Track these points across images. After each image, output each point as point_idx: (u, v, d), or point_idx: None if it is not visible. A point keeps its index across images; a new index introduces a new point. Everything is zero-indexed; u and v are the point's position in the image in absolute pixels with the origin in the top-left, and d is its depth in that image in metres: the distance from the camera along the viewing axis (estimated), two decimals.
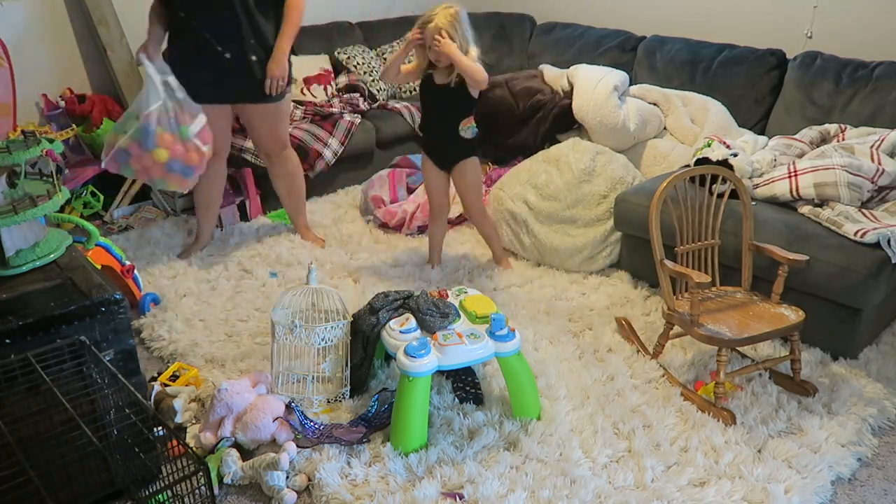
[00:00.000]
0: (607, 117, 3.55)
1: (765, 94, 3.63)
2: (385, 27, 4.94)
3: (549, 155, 3.30)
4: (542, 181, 3.20)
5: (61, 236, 2.05)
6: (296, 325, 2.27)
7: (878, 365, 2.50)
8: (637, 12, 4.44)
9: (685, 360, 2.54)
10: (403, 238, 3.54)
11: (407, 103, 4.40)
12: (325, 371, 2.37)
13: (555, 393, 2.33)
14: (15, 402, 1.66)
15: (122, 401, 1.71)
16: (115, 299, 1.82)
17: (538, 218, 3.18)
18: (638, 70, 4.14)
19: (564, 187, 3.14)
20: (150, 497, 1.49)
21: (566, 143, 3.31)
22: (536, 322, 2.78)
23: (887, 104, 3.17)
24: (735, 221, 2.56)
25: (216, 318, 2.83)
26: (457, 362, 2.09)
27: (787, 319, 2.26)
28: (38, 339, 1.72)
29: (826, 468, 2.03)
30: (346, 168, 4.10)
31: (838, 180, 2.66)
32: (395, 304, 2.31)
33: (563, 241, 3.12)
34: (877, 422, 2.24)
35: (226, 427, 2.12)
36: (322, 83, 4.34)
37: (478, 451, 2.09)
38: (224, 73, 2.91)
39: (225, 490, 2.01)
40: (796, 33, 3.76)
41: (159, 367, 2.54)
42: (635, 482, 1.99)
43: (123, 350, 1.88)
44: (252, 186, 3.72)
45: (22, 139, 1.97)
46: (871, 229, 2.45)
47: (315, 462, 2.04)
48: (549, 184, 3.18)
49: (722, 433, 2.16)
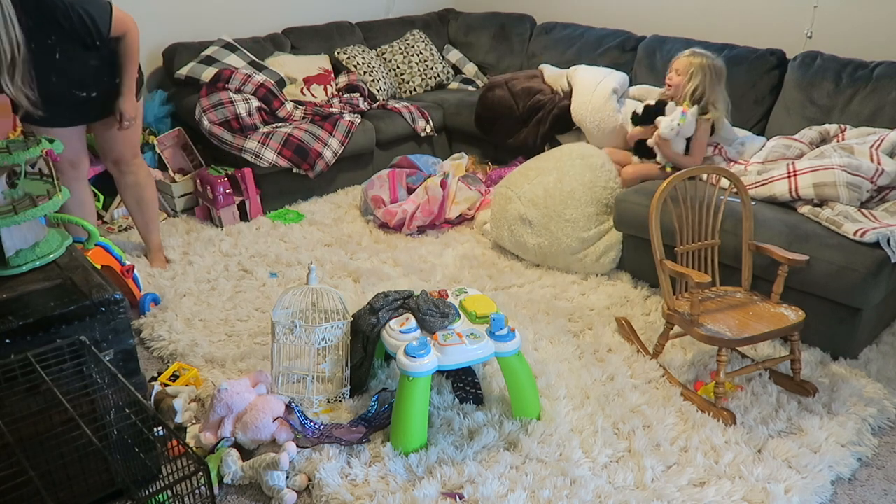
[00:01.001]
0: (605, 121, 3.54)
1: (765, 94, 3.63)
2: (385, 27, 4.95)
3: (557, 155, 3.28)
4: (553, 181, 3.17)
5: (61, 236, 2.05)
6: (296, 325, 2.27)
7: (878, 365, 2.50)
8: (637, 12, 4.44)
9: (685, 360, 2.54)
10: (403, 238, 3.54)
11: (407, 103, 4.40)
12: (325, 371, 2.37)
13: (555, 393, 2.33)
14: (15, 402, 1.66)
15: (122, 401, 1.71)
16: (115, 299, 1.82)
17: (544, 219, 3.15)
18: (638, 70, 4.13)
19: (580, 188, 3.12)
20: (150, 497, 1.49)
21: (577, 146, 3.29)
22: (536, 322, 2.78)
23: (887, 104, 3.17)
24: (735, 221, 2.56)
25: (216, 318, 2.83)
26: (457, 362, 2.09)
27: (787, 319, 2.26)
28: (38, 339, 1.72)
29: (826, 468, 2.03)
30: (346, 168, 4.10)
31: (837, 180, 2.66)
32: (395, 304, 2.31)
33: (570, 243, 3.10)
34: (877, 422, 2.25)
35: (226, 427, 2.12)
36: (322, 83, 4.35)
37: (478, 451, 2.09)
38: (76, 105, 2.74)
39: (225, 490, 2.01)
40: (796, 33, 3.76)
41: (159, 367, 2.55)
42: (635, 482, 1.99)
43: (123, 350, 1.88)
44: (252, 186, 3.72)
45: (22, 139, 1.97)
46: (870, 229, 2.45)
47: (315, 462, 2.04)
48: (559, 185, 3.15)
49: (722, 433, 2.16)
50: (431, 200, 3.60)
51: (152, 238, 3.21)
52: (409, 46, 4.84)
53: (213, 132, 3.71)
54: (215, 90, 3.80)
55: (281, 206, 3.91)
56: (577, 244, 3.09)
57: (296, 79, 4.28)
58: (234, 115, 3.73)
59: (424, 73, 4.81)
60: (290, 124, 3.92)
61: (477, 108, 4.19)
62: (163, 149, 3.81)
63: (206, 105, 3.74)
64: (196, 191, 3.76)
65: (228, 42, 4.11)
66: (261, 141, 3.70)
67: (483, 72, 5.01)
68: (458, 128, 4.47)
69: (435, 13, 5.29)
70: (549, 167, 3.23)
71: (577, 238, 3.08)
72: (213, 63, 3.96)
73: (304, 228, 3.64)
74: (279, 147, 3.71)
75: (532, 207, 3.17)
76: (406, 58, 4.79)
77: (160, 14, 2.94)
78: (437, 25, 5.17)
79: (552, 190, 3.15)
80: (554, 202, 3.12)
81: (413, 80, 4.78)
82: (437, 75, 4.86)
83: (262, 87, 3.91)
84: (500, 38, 4.95)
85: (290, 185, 3.89)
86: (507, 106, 4.01)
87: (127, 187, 3.06)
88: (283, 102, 3.99)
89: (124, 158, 2.97)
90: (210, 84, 3.83)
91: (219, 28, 4.30)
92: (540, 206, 3.15)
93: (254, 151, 3.66)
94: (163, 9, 2.97)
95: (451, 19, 5.25)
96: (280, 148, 3.71)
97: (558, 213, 3.10)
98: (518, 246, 3.25)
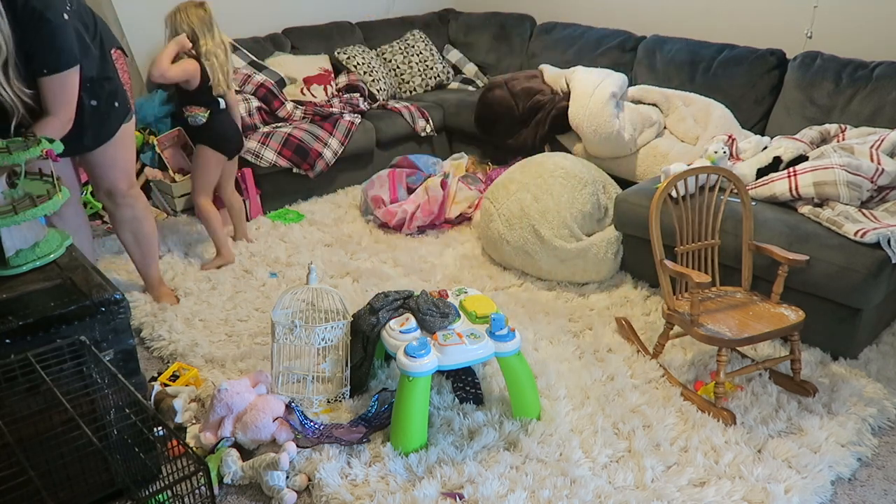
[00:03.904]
0: (602, 126, 3.50)
1: (765, 94, 3.63)
2: (385, 27, 4.95)
3: (540, 170, 3.18)
4: (530, 199, 3.09)
5: (62, 236, 2.05)
6: (296, 325, 2.27)
7: (878, 365, 2.50)
8: (637, 12, 4.44)
9: (685, 360, 2.54)
10: (403, 238, 3.54)
11: (407, 103, 4.40)
12: (325, 371, 2.37)
13: (555, 393, 2.33)
14: (15, 402, 1.66)
15: (122, 401, 1.71)
16: (115, 299, 1.82)
17: (520, 241, 3.07)
18: (638, 70, 4.13)
19: (554, 208, 3.05)
20: (150, 497, 1.49)
21: (567, 161, 3.21)
22: (536, 322, 2.78)
23: (887, 104, 3.17)
24: (735, 221, 2.56)
25: (216, 318, 2.83)
26: (457, 362, 2.09)
27: (787, 319, 2.26)
28: (38, 339, 1.72)
29: (826, 468, 2.03)
30: (346, 168, 4.10)
31: (837, 179, 2.66)
32: (395, 304, 2.31)
33: (545, 265, 3.05)
34: (877, 422, 2.24)
35: (226, 427, 2.12)
36: (322, 83, 4.35)
37: (478, 451, 2.09)
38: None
39: (225, 490, 2.01)
40: (796, 33, 3.76)
41: (159, 367, 2.55)
42: (635, 482, 1.99)
43: (123, 350, 1.88)
44: (252, 186, 3.73)
45: (22, 139, 1.97)
46: (871, 229, 2.45)
47: (315, 462, 2.04)
48: (535, 204, 3.07)
49: (722, 433, 2.16)
50: (431, 200, 3.60)
51: (151, 273, 2.92)
52: (409, 46, 4.84)
53: None
54: None
55: (281, 206, 3.91)
56: (552, 264, 3.03)
57: (296, 79, 4.28)
58: None
59: (424, 73, 4.81)
60: (290, 124, 3.92)
61: (477, 108, 4.18)
62: (163, 149, 3.81)
63: None
64: None
65: (228, 42, 4.10)
66: (261, 141, 3.70)
67: (483, 72, 5.01)
68: (458, 128, 4.47)
69: (435, 13, 5.29)
70: (529, 182, 3.13)
71: (553, 258, 3.01)
72: None
73: (304, 228, 3.64)
74: (279, 147, 3.71)
75: (508, 228, 3.09)
76: (406, 58, 4.79)
77: (160, 14, 2.97)
78: (437, 25, 5.17)
79: (528, 209, 3.06)
80: (530, 220, 3.04)
81: (413, 80, 4.78)
82: (437, 75, 4.86)
83: (262, 87, 3.91)
84: (500, 38, 4.95)
85: (290, 185, 3.90)
86: (506, 106, 4.01)
87: (123, 222, 2.76)
88: (283, 102, 4.00)
89: (118, 189, 2.67)
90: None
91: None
92: (515, 226, 3.07)
93: (254, 151, 3.66)
94: (163, 9, 2.99)
95: (451, 19, 5.25)
96: (280, 148, 3.71)
97: (534, 232, 3.02)
98: (504, 261, 3.22)
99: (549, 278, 3.10)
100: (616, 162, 3.60)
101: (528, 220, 3.05)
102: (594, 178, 3.19)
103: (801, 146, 2.91)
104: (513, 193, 3.15)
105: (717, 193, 2.46)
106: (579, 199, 3.07)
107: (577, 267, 3.02)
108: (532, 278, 3.13)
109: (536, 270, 3.10)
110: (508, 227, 3.10)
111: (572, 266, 3.02)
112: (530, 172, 3.19)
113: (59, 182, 2.00)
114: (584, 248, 2.99)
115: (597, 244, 3.00)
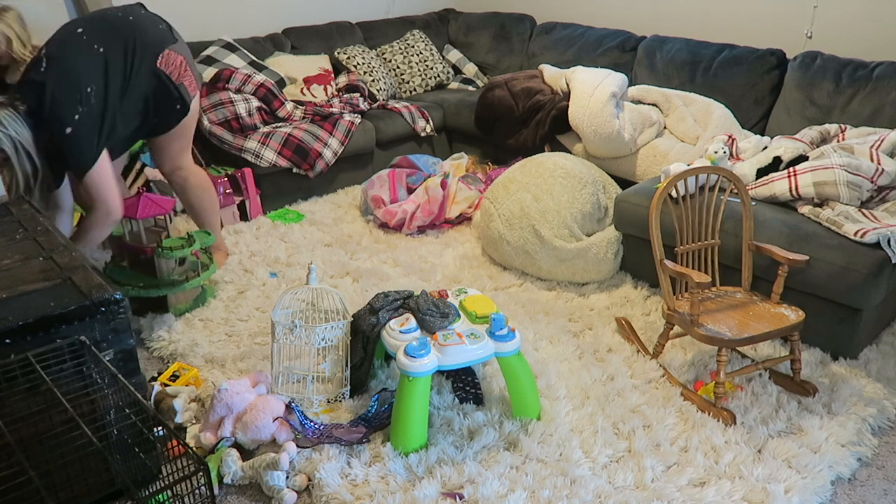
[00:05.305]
0: (602, 127, 3.51)
1: (765, 94, 3.63)
2: (385, 27, 4.95)
3: (541, 170, 3.18)
4: (529, 199, 3.09)
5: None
6: (296, 325, 2.27)
7: (878, 365, 2.50)
8: (637, 12, 4.45)
9: (685, 360, 2.54)
10: (403, 238, 3.54)
11: (407, 103, 4.40)
12: (325, 371, 2.37)
13: (555, 393, 2.34)
14: (15, 402, 1.66)
15: (122, 401, 1.71)
16: (115, 299, 1.82)
17: (520, 241, 3.07)
18: (638, 70, 4.14)
19: (554, 208, 3.05)
20: (150, 497, 1.49)
21: (568, 161, 3.21)
22: (536, 322, 2.78)
23: (887, 104, 3.17)
24: (735, 221, 2.56)
25: (216, 318, 2.83)
26: (457, 362, 2.09)
27: (787, 319, 2.26)
28: (37, 339, 1.72)
29: (826, 468, 2.03)
30: (346, 168, 4.10)
31: (837, 179, 2.66)
32: (395, 304, 2.31)
33: (545, 265, 3.05)
34: (877, 422, 2.24)
35: (226, 427, 2.12)
36: (322, 83, 4.35)
37: (478, 451, 2.09)
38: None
39: (225, 490, 2.01)
40: (796, 33, 3.76)
41: (159, 367, 2.55)
42: (635, 482, 1.99)
43: (123, 350, 1.88)
44: (252, 186, 3.73)
45: (186, 237, 2.85)
46: (871, 229, 2.45)
47: (315, 462, 2.04)
48: (535, 204, 3.07)
49: (722, 433, 2.16)
50: (431, 200, 3.60)
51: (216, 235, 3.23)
52: (409, 46, 4.84)
53: (213, 132, 3.71)
54: (215, 90, 3.80)
55: (281, 206, 3.91)
56: (552, 264, 3.04)
57: (296, 79, 4.28)
58: (234, 115, 3.73)
59: (424, 73, 4.81)
60: (290, 124, 3.92)
61: (477, 108, 4.18)
62: None
63: (206, 105, 3.74)
64: None
65: (228, 42, 4.11)
66: (261, 141, 3.70)
67: (483, 72, 5.01)
68: (458, 128, 4.47)
69: (435, 13, 5.29)
70: (530, 182, 3.14)
71: (553, 258, 3.02)
72: (212, 63, 3.96)
73: (304, 228, 3.64)
74: (279, 147, 3.71)
75: (508, 228, 3.10)
76: (406, 58, 4.79)
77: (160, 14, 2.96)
78: (437, 25, 5.17)
79: (528, 209, 3.07)
80: (530, 220, 3.04)
81: (413, 80, 4.78)
82: (437, 75, 4.86)
83: (262, 87, 3.91)
84: (500, 38, 4.96)
85: (290, 185, 3.90)
86: (506, 106, 4.01)
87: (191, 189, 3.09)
88: (283, 102, 4.00)
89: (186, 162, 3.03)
90: (210, 84, 3.83)
91: (219, 28, 4.30)
92: (515, 226, 3.08)
93: (254, 151, 3.66)
94: (163, 9, 2.99)
95: (451, 19, 5.25)
96: (280, 148, 3.71)
97: (534, 232, 3.03)
98: (504, 261, 3.22)
99: (549, 278, 3.10)
100: (616, 162, 3.60)
101: (528, 220, 3.05)
102: (594, 178, 3.18)
103: (801, 146, 2.91)
104: (513, 193, 3.15)
105: (717, 193, 2.46)
106: (579, 199, 3.07)
107: (577, 267, 3.02)
108: (532, 278, 3.13)
109: (536, 270, 3.10)
110: (508, 226, 3.10)
111: (572, 266, 3.02)
112: (530, 172, 3.18)
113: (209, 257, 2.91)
114: (584, 248, 2.99)
115: (597, 244, 3.01)
